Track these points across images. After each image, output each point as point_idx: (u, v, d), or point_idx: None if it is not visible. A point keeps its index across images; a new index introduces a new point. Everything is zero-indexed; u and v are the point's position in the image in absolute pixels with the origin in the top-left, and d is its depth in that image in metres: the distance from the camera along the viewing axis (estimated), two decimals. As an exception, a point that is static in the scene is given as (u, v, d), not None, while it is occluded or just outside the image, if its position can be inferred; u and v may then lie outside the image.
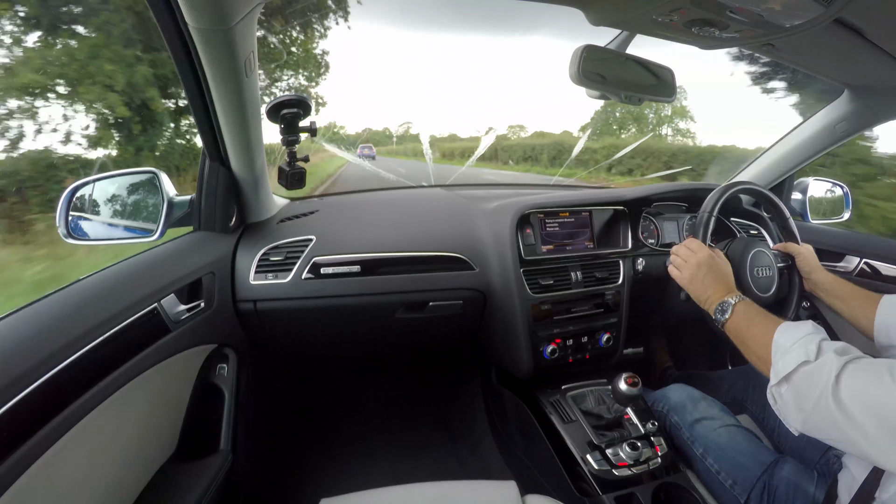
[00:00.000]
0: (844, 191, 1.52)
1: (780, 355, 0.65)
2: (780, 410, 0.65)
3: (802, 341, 0.63)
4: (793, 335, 0.65)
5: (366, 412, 1.67)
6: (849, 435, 0.55)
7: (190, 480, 0.81)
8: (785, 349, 0.64)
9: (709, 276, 0.87)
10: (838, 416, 0.56)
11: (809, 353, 0.61)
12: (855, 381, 0.56)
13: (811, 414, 0.59)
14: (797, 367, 0.61)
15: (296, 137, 0.92)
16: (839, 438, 0.57)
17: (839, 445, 0.59)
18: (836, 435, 0.58)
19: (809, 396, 0.59)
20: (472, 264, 1.10)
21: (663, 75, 0.96)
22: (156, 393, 0.78)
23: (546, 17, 18.18)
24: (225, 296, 0.97)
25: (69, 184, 0.88)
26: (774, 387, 0.65)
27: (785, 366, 0.62)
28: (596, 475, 0.91)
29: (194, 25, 0.66)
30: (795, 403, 0.62)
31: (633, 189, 1.29)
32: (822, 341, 0.62)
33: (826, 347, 0.61)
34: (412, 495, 0.79)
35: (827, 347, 0.61)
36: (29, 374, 0.54)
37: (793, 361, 0.62)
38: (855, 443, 0.55)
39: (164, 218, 0.93)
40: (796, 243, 1.07)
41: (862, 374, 0.56)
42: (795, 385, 0.62)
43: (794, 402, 0.62)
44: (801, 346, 0.62)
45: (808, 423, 0.60)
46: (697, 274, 0.88)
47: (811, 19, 0.68)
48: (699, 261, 0.89)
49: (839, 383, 0.56)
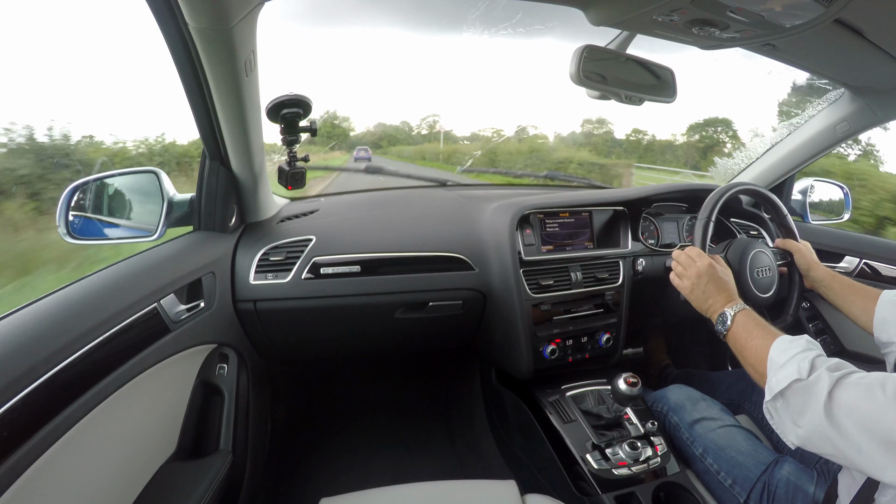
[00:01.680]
0: (844, 192, 1.52)
1: (773, 371, 0.65)
2: (776, 425, 0.66)
3: (796, 358, 0.63)
4: (787, 351, 0.66)
5: (366, 412, 1.67)
6: (843, 450, 0.56)
7: (190, 480, 0.81)
8: (779, 365, 0.65)
9: (710, 286, 0.86)
10: (831, 432, 0.56)
11: (802, 370, 0.61)
12: (847, 397, 0.56)
13: (806, 429, 0.60)
14: (790, 384, 0.61)
15: (296, 137, 0.92)
16: (833, 453, 0.58)
17: (835, 459, 0.60)
18: (830, 450, 0.58)
19: (803, 413, 0.60)
20: (471, 264, 1.10)
21: (663, 75, 0.96)
22: (156, 393, 0.78)
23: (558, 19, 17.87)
24: (225, 296, 0.97)
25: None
26: (770, 402, 0.65)
27: (778, 382, 0.63)
28: (596, 475, 0.92)
29: (194, 25, 0.66)
30: (790, 419, 0.62)
31: (633, 189, 1.29)
32: (815, 358, 0.62)
33: (819, 364, 0.61)
34: (412, 495, 0.79)
35: (820, 364, 0.61)
36: (29, 374, 0.54)
37: (785, 378, 0.62)
38: (849, 457, 0.56)
39: (164, 217, 0.93)
40: (794, 239, 1.07)
41: (854, 390, 0.57)
42: (789, 401, 0.62)
43: (788, 418, 0.63)
44: (794, 363, 0.63)
45: (803, 439, 0.61)
46: (699, 284, 0.88)
47: (811, 19, 0.68)
48: (699, 270, 0.88)
49: (832, 400, 0.57)
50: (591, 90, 0.91)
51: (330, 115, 18.15)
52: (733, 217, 1.33)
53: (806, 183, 1.49)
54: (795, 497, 0.80)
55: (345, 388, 1.74)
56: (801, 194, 1.49)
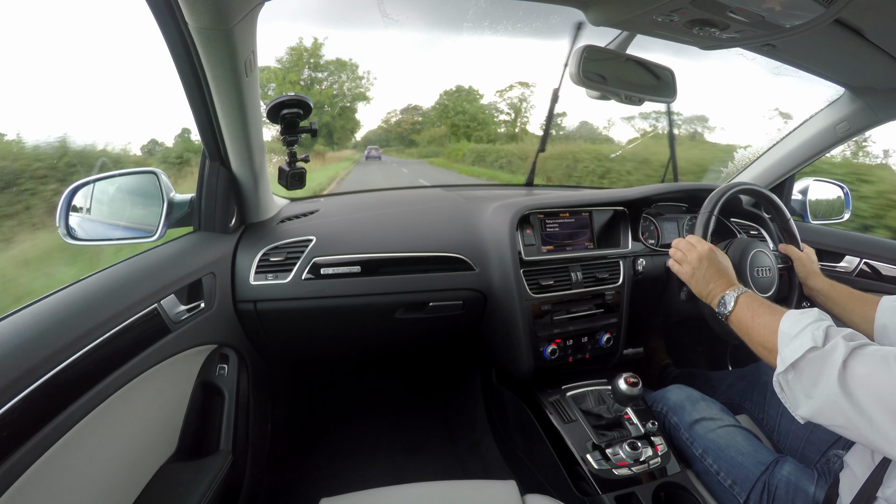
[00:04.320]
0: (844, 191, 1.52)
1: (786, 343, 0.64)
2: (786, 398, 0.65)
3: (809, 328, 0.62)
4: (799, 322, 0.65)
5: (366, 412, 1.67)
6: (854, 422, 0.55)
7: (190, 480, 0.81)
8: (791, 336, 0.64)
9: (710, 270, 0.87)
10: (844, 402, 0.56)
11: (817, 338, 0.60)
12: (862, 368, 0.56)
13: (818, 400, 0.59)
14: (805, 353, 0.61)
15: (296, 138, 0.92)
16: (844, 425, 0.57)
17: (844, 432, 0.59)
18: (841, 421, 0.57)
19: (817, 383, 0.59)
20: (472, 264, 1.10)
21: (663, 75, 0.96)
22: (156, 393, 0.78)
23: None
24: (225, 296, 0.97)
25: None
26: (781, 374, 0.64)
27: (793, 352, 0.62)
28: (596, 475, 0.92)
29: (194, 25, 0.66)
30: (802, 390, 0.61)
31: (633, 189, 1.29)
32: (828, 327, 0.62)
33: (834, 333, 0.61)
34: (412, 495, 0.79)
35: (834, 333, 0.61)
36: (29, 374, 0.54)
37: (800, 347, 0.61)
38: (860, 429, 0.55)
39: (164, 218, 0.93)
40: (797, 245, 1.08)
41: (870, 361, 0.56)
42: (802, 371, 0.61)
43: (801, 389, 0.62)
44: (808, 332, 0.62)
45: (814, 410, 0.60)
46: (699, 268, 0.88)
47: (811, 19, 0.69)
48: (700, 255, 0.89)
49: (847, 369, 0.56)
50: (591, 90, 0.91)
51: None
52: (734, 217, 1.33)
53: (806, 183, 1.49)
54: (795, 497, 0.80)
55: (345, 388, 1.74)
56: (802, 194, 1.49)
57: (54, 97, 13.26)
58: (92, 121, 15.03)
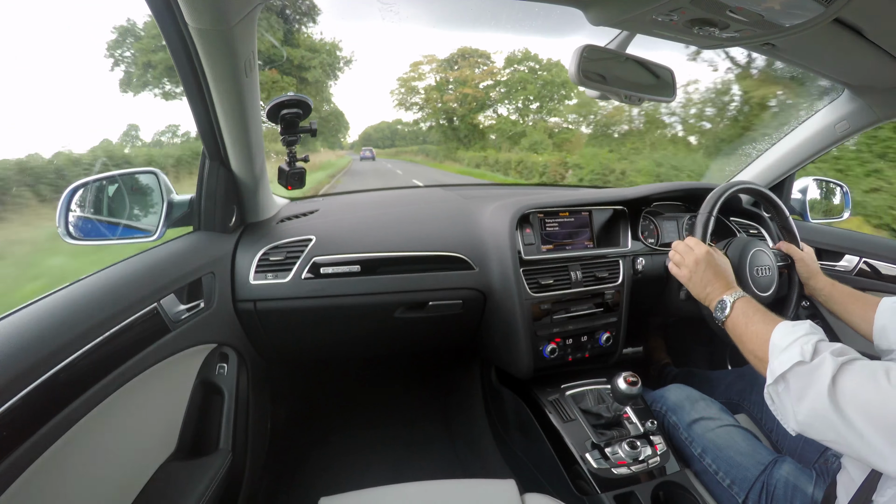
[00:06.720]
0: (844, 190, 1.52)
1: (776, 355, 0.65)
2: (776, 410, 0.65)
3: (799, 341, 0.63)
4: (790, 335, 0.65)
5: (365, 411, 1.67)
6: (844, 436, 0.55)
7: (190, 480, 0.81)
8: (781, 348, 0.64)
9: (708, 273, 0.87)
10: (834, 417, 0.56)
11: (805, 353, 0.60)
12: (851, 383, 0.56)
13: (807, 414, 0.59)
14: (792, 366, 0.61)
15: (296, 138, 0.92)
16: (835, 440, 0.57)
17: (835, 447, 0.59)
18: (832, 436, 0.58)
19: (803, 397, 0.59)
20: (471, 264, 1.10)
21: (663, 75, 0.96)
22: (155, 392, 0.79)
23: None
24: (225, 296, 0.97)
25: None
26: (771, 386, 0.65)
27: (780, 365, 0.62)
28: (595, 474, 0.92)
29: (194, 25, 0.66)
30: (791, 403, 0.61)
31: (632, 189, 1.29)
32: (818, 342, 0.62)
33: (823, 348, 0.61)
34: (411, 494, 0.79)
35: (823, 348, 0.61)
36: (29, 374, 0.54)
37: (788, 361, 0.61)
38: (850, 444, 0.55)
39: (163, 218, 0.93)
40: (797, 245, 1.07)
41: (858, 376, 0.56)
42: (791, 385, 0.62)
43: (790, 402, 0.62)
44: (797, 345, 0.62)
45: (804, 424, 0.60)
46: (697, 270, 0.88)
47: (811, 19, 0.68)
48: (698, 257, 0.89)
49: (835, 384, 0.56)
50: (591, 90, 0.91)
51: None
52: (733, 216, 1.33)
53: (806, 182, 1.49)
54: (794, 497, 0.80)
55: (344, 387, 1.74)
56: (801, 193, 1.49)
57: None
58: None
